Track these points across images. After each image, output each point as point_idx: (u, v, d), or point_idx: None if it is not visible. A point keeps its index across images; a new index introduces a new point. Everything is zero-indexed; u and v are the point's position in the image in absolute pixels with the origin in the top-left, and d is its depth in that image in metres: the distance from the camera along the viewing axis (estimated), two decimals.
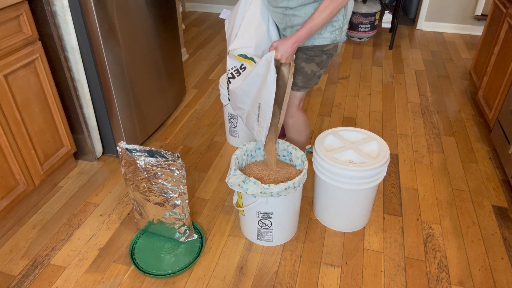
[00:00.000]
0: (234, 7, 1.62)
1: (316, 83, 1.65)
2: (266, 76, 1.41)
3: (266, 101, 1.44)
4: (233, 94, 1.62)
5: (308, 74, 1.58)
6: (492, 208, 1.83)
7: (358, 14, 3.59)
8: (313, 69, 1.57)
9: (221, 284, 1.49)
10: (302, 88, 1.63)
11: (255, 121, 1.56)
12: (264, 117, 1.49)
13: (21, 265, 1.57)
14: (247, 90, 1.53)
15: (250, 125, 1.62)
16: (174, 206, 1.51)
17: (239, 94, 1.57)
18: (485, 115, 2.32)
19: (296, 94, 1.66)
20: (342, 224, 1.70)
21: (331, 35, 1.48)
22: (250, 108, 1.57)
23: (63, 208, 1.84)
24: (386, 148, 1.60)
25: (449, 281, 1.50)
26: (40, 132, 1.75)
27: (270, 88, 1.41)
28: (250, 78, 1.49)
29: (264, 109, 1.47)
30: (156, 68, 2.22)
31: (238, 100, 1.61)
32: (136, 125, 2.14)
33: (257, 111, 1.52)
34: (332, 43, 1.51)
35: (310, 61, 1.55)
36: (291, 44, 1.38)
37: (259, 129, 1.56)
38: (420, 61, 3.32)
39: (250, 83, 1.50)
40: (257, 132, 1.58)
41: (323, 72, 1.62)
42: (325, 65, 1.59)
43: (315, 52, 1.52)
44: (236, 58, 1.58)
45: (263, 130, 1.54)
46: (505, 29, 2.24)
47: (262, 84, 1.44)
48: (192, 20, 4.36)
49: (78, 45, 1.78)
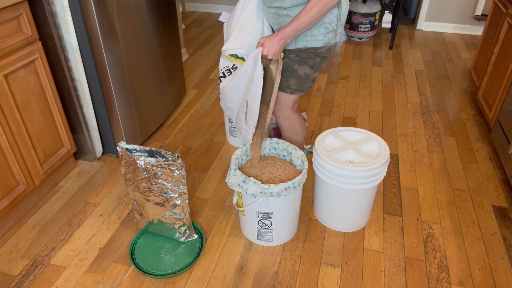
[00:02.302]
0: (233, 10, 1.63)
1: (310, 87, 1.64)
2: (253, 73, 1.42)
3: (253, 98, 1.45)
4: (223, 93, 1.64)
5: (301, 77, 1.58)
6: (492, 208, 1.83)
7: (358, 14, 3.59)
8: (306, 71, 1.57)
9: (221, 284, 1.49)
10: (296, 91, 1.63)
11: (243, 120, 1.57)
12: (251, 115, 1.50)
13: (21, 265, 1.57)
14: (236, 88, 1.54)
15: (239, 124, 1.63)
16: (174, 206, 1.51)
17: (228, 92, 1.59)
18: (485, 115, 2.32)
19: (290, 97, 1.65)
20: (342, 224, 1.70)
21: (325, 37, 1.48)
22: (239, 107, 1.58)
23: (63, 208, 1.84)
24: (386, 148, 1.60)
25: (449, 281, 1.50)
26: (40, 132, 1.75)
27: (257, 85, 1.41)
28: (238, 75, 1.50)
29: (251, 107, 1.48)
30: (156, 68, 2.22)
31: (228, 99, 1.63)
32: (136, 125, 2.14)
33: (245, 109, 1.53)
34: (325, 45, 1.50)
35: (303, 63, 1.54)
36: (277, 40, 1.38)
37: (247, 128, 1.56)
38: (420, 61, 3.32)
39: (238, 81, 1.51)
40: (245, 131, 1.59)
41: (317, 75, 1.62)
42: (319, 68, 1.59)
43: (308, 55, 1.52)
44: (227, 58, 1.60)
45: (250, 129, 1.54)
46: (505, 29, 2.24)
47: (250, 81, 1.45)
48: (192, 20, 4.36)
49: (78, 45, 1.78)
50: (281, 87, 1.62)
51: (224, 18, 1.75)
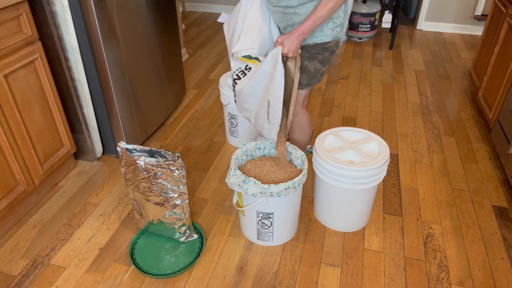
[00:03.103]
0: (233, 10, 1.62)
1: (319, 80, 1.67)
2: (273, 72, 1.42)
3: (275, 97, 1.46)
4: (239, 95, 1.62)
5: (311, 72, 1.60)
6: (492, 208, 1.83)
7: (358, 14, 3.59)
8: (316, 66, 1.59)
9: (221, 284, 1.49)
10: (306, 86, 1.65)
11: (265, 120, 1.57)
12: (274, 114, 1.51)
13: (21, 265, 1.57)
14: (254, 90, 1.54)
15: (260, 124, 1.63)
16: (174, 206, 1.51)
17: (246, 95, 1.58)
18: (485, 115, 2.32)
19: (300, 92, 1.67)
20: (342, 224, 1.70)
21: (333, 32, 1.50)
22: (259, 108, 1.58)
23: (63, 208, 1.84)
24: (386, 148, 1.60)
25: (449, 281, 1.50)
26: (40, 132, 1.75)
27: (278, 84, 1.42)
28: (256, 76, 1.50)
29: (273, 106, 1.49)
30: (156, 68, 2.22)
31: (245, 101, 1.62)
32: (136, 125, 2.14)
33: (266, 109, 1.53)
34: (333, 39, 1.52)
35: (312, 59, 1.56)
36: (296, 37, 1.40)
37: (270, 127, 1.57)
38: (420, 61, 3.32)
39: (257, 82, 1.51)
40: (268, 130, 1.59)
41: (326, 69, 1.64)
42: (327, 62, 1.61)
43: (317, 50, 1.53)
44: (240, 60, 1.58)
45: (274, 127, 1.55)
46: (505, 29, 2.24)
47: (270, 81, 1.45)
48: (192, 20, 4.36)
49: (78, 45, 1.78)
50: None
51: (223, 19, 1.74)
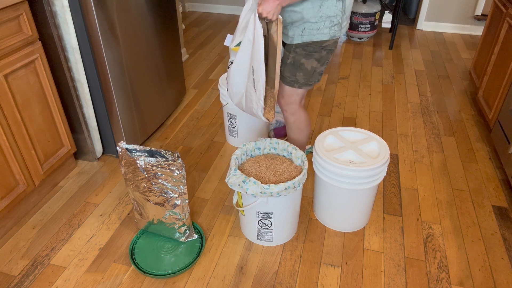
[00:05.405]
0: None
1: (318, 80, 1.66)
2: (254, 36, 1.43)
3: (257, 60, 1.46)
4: (229, 76, 1.66)
5: (308, 71, 1.60)
6: (492, 208, 1.83)
7: (358, 14, 3.59)
8: (313, 65, 1.58)
9: (221, 284, 1.49)
10: (304, 85, 1.64)
11: (252, 91, 1.58)
12: (258, 78, 1.51)
13: (21, 265, 1.57)
14: (242, 61, 1.56)
15: (249, 103, 1.63)
16: (174, 206, 1.51)
17: (234, 70, 1.60)
18: (485, 115, 2.32)
19: (298, 91, 1.67)
20: (342, 224, 1.70)
21: (330, 30, 1.50)
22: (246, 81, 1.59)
23: (63, 208, 1.84)
24: (386, 148, 1.60)
25: (449, 281, 1.50)
26: (40, 132, 1.75)
27: (258, 44, 1.43)
28: (242, 48, 1.52)
29: (257, 70, 1.49)
30: (156, 68, 2.22)
31: (235, 82, 1.64)
32: (136, 125, 2.14)
33: (252, 76, 1.54)
34: (331, 39, 1.52)
35: (309, 57, 1.56)
36: (273, 0, 1.39)
37: (257, 96, 1.57)
38: (420, 61, 3.32)
39: (243, 52, 1.53)
40: (256, 102, 1.60)
41: (324, 68, 1.64)
42: (325, 61, 1.61)
43: (314, 48, 1.54)
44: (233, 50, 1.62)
45: (260, 94, 1.56)
46: (505, 29, 2.24)
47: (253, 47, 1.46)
48: (192, 20, 4.36)
49: (78, 45, 1.78)
50: (288, 82, 1.64)
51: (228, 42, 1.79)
